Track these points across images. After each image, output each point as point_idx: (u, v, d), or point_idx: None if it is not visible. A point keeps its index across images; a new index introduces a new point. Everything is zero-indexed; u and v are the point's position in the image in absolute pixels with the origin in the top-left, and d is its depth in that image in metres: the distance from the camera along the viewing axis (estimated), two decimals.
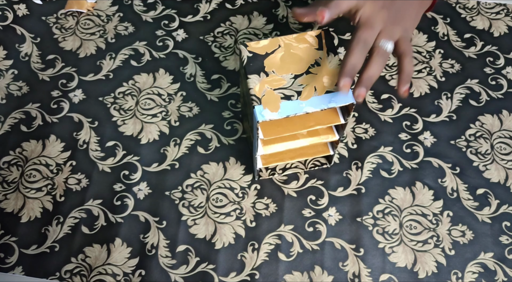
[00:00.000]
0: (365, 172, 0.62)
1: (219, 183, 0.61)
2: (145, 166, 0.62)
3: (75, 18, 0.72)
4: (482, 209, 0.60)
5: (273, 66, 0.50)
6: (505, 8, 0.73)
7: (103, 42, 0.70)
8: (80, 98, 0.66)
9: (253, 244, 0.58)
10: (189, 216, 0.59)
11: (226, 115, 0.65)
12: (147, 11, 0.73)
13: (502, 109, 0.66)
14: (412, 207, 0.60)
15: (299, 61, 0.50)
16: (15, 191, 0.60)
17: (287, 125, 0.51)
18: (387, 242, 0.58)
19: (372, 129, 0.64)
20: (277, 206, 0.60)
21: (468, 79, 0.68)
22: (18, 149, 0.63)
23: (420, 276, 0.56)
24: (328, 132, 0.55)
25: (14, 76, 0.68)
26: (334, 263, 0.57)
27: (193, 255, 0.57)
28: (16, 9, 0.73)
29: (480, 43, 0.71)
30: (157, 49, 0.70)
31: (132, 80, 0.68)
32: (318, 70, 0.49)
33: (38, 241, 0.58)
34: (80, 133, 0.64)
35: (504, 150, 0.63)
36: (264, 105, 0.47)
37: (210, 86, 0.67)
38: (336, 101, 0.48)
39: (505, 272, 0.57)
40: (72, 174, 0.61)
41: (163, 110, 0.65)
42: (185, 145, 0.63)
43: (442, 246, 0.58)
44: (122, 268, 0.57)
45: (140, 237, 0.58)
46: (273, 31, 0.71)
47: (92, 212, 0.59)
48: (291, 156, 0.58)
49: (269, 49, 0.51)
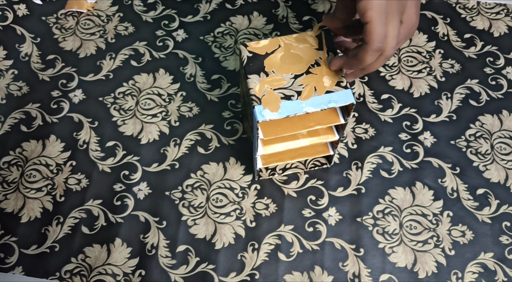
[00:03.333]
0: (365, 172, 0.62)
1: (219, 183, 0.61)
2: (145, 166, 0.62)
3: (75, 18, 0.72)
4: (482, 209, 0.60)
5: (273, 66, 0.50)
6: (505, 8, 0.73)
7: (103, 42, 0.70)
8: (80, 98, 0.66)
9: (253, 244, 0.58)
10: (189, 216, 0.59)
11: (226, 115, 0.65)
12: (147, 11, 0.73)
13: (502, 109, 0.66)
14: (412, 207, 0.60)
15: (299, 61, 0.50)
16: (15, 191, 0.60)
17: (287, 125, 0.51)
18: (387, 242, 0.58)
19: (372, 129, 0.64)
20: (277, 206, 0.60)
21: (468, 79, 0.68)
22: (18, 149, 0.63)
23: (420, 276, 0.56)
24: (328, 132, 0.55)
25: (14, 76, 0.68)
26: (334, 263, 0.57)
27: (193, 255, 0.57)
28: (16, 9, 0.73)
29: (480, 43, 0.71)
30: (157, 49, 0.70)
31: (132, 80, 0.68)
32: (318, 70, 0.49)
33: (38, 241, 0.58)
34: (80, 133, 0.64)
35: (504, 150, 0.63)
36: (264, 105, 0.47)
37: (210, 86, 0.67)
38: (336, 101, 0.48)
39: (505, 272, 0.56)
40: (72, 174, 0.61)
41: (163, 110, 0.65)
42: (185, 145, 0.63)
43: (442, 246, 0.58)
44: (122, 268, 0.57)
45: (140, 237, 0.58)
46: (273, 31, 0.71)
47: (92, 212, 0.59)
48: (291, 156, 0.58)
49: (269, 49, 0.51)
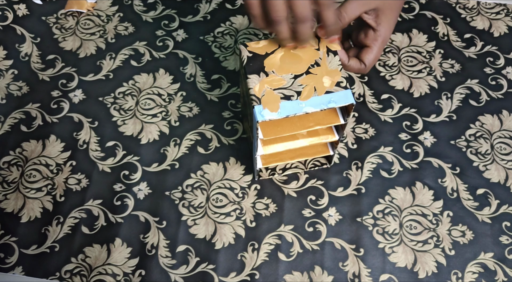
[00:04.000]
0: (365, 172, 0.62)
1: (219, 183, 0.61)
2: (145, 166, 0.62)
3: (75, 18, 0.73)
4: (482, 209, 0.60)
5: (273, 66, 0.50)
6: (505, 8, 0.73)
7: (103, 42, 0.70)
8: (80, 98, 0.66)
9: (253, 244, 0.58)
10: (189, 216, 0.59)
11: (226, 115, 0.65)
12: (147, 11, 0.73)
13: (502, 109, 0.66)
14: (412, 207, 0.60)
15: (299, 61, 0.50)
16: (15, 191, 0.61)
17: (287, 125, 0.51)
18: (387, 242, 0.58)
19: (372, 129, 0.64)
20: (277, 206, 0.60)
21: (468, 79, 0.68)
22: (18, 149, 0.63)
23: (420, 276, 0.56)
24: (328, 133, 0.55)
25: (14, 76, 0.68)
26: (334, 263, 0.57)
27: (193, 255, 0.57)
28: (16, 9, 0.73)
29: (480, 43, 0.71)
30: (157, 49, 0.70)
31: (132, 80, 0.68)
32: (318, 70, 0.49)
33: (38, 241, 0.58)
34: (80, 133, 0.64)
35: (504, 150, 0.63)
36: (263, 105, 0.47)
37: (210, 86, 0.67)
38: (336, 101, 0.48)
39: (505, 272, 0.56)
40: (72, 174, 0.61)
41: (163, 110, 0.65)
42: (185, 145, 0.63)
43: (442, 246, 0.58)
44: (122, 268, 0.57)
45: (140, 237, 0.58)
46: None
47: (92, 212, 0.59)
48: (291, 156, 0.58)
49: (269, 49, 0.51)
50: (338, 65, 0.50)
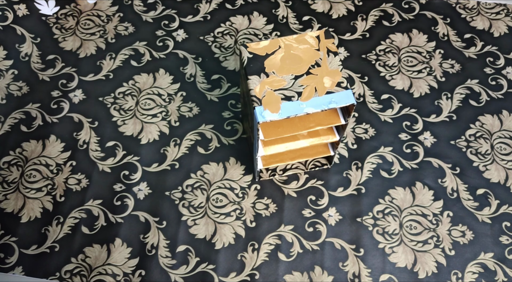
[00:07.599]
0: (365, 172, 0.62)
1: (219, 183, 0.61)
2: (145, 166, 0.62)
3: (75, 18, 0.72)
4: (482, 209, 0.60)
5: (274, 67, 0.50)
6: (505, 8, 0.73)
7: (103, 42, 0.70)
8: (80, 98, 0.66)
9: (253, 244, 0.58)
10: (189, 216, 0.59)
11: (226, 115, 0.65)
12: (147, 11, 0.73)
13: (502, 109, 0.66)
14: (412, 207, 0.60)
15: (299, 61, 0.50)
16: (15, 191, 0.60)
17: (287, 126, 0.51)
18: (387, 242, 0.58)
19: (372, 129, 0.64)
20: (277, 206, 0.60)
21: (468, 79, 0.68)
22: (18, 149, 0.63)
23: (420, 276, 0.56)
24: (329, 133, 0.55)
25: (14, 76, 0.68)
26: (334, 263, 0.57)
27: (193, 255, 0.57)
28: (16, 9, 0.73)
29: (480, 43, 0.71)
30: (157, 49, 0.70)
31: (132, 80, 0.67)
32: (318, 70, 0.49)
33: (38, 241, 0.58)
34: (80, 133, 0.64)
35: (504, 150, 0.63)
36: (264, 106, 0.47)
37: (210, 86, 0.67)
38: (337, 102, 0.48)
39: (505, 272, 0.57)
40: (72, 174, 0.61)
41: (163, 110, 0.65)
42: (185, 145, 0.63)
43: (442, 246, 0.58)
44: (122, 268, 0.57)
45: (140, 237, 0.58)
46: (273, 31, 0.71)
47: (92, 212, 0.59)
48: (291, 157, 0.58)
49: (269, 50, 0.51)
50: (338, 65, 0.50)
